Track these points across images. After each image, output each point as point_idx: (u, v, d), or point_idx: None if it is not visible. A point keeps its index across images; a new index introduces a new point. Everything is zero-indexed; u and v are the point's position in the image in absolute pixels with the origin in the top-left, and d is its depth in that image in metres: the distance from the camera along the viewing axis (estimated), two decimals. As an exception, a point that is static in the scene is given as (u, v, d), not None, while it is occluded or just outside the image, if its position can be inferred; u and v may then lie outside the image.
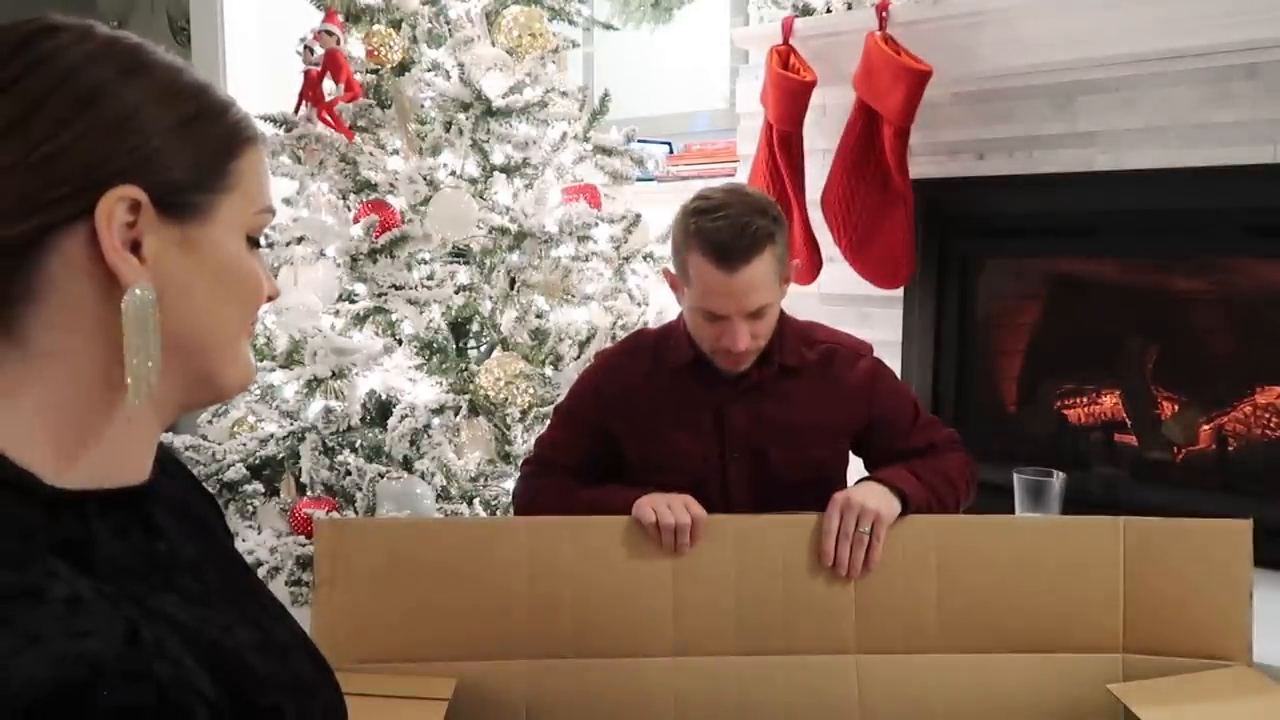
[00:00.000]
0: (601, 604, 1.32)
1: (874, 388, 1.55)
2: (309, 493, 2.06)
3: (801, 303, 2.09)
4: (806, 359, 1.53)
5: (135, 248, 0.55)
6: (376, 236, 2.05)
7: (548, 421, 2.12)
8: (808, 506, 1.56)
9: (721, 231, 1.38)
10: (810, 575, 1.33)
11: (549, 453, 1.62)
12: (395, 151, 2.25)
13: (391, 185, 2.17)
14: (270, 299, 0.65)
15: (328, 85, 2.18)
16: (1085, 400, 2.22)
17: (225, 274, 0.60)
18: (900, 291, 2.20)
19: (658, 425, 1.54)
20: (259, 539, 2.01)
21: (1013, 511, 1.89)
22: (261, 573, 1.93)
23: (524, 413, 2.09)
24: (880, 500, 1.35)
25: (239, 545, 2.03)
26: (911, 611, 1.32)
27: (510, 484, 2.08)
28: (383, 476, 1.97)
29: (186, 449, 2.10)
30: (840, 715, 1.29)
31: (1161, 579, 1.31)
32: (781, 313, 1.54)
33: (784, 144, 2.13)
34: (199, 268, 0.58)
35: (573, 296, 2.20)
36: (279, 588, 1.96)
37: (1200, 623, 1.29)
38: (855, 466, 1.70)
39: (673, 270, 1.50)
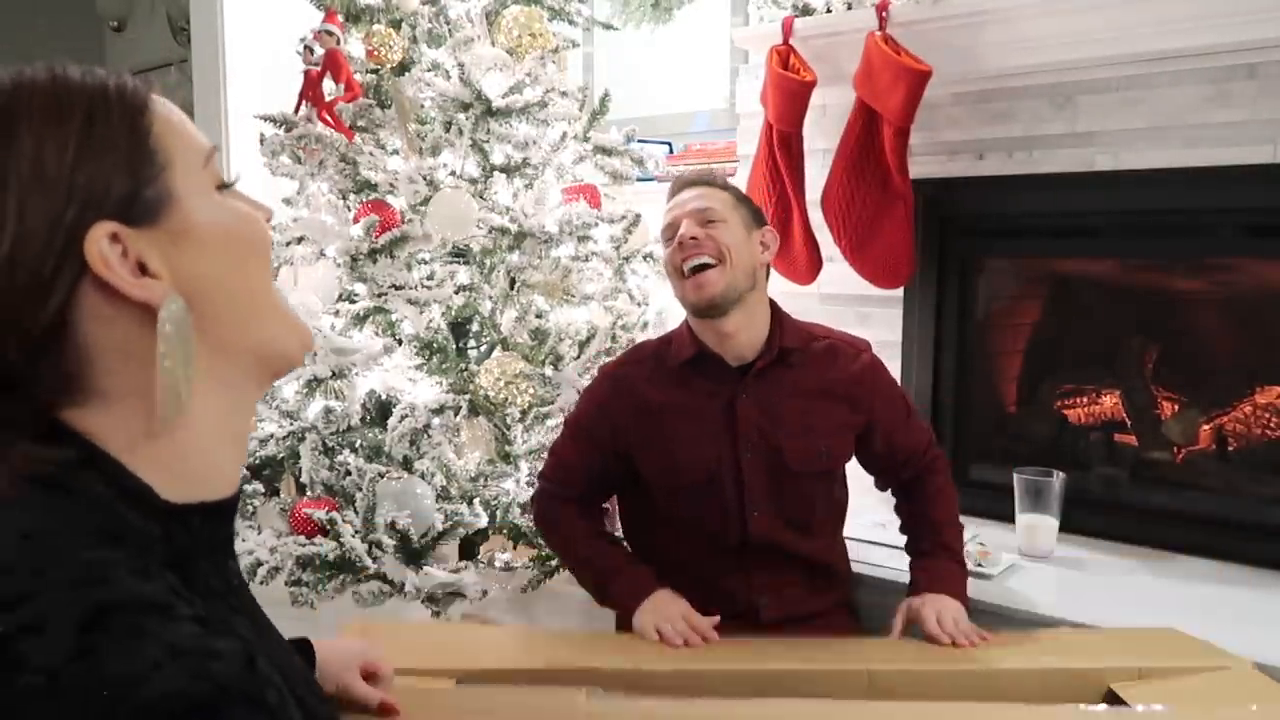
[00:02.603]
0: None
1: (875, 381, 1.62)
2: (309, 493, 2.06)
3: (801, 303, 2.09)
4: (809, 346, 1.60)
5: (142, 269, 0.56)
6: (376, 236, 2.04)
7: (548, 421, 2.13)
8: (817, 500, 1.62)
9: (683, 175, 1.64)
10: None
11: (562, 472, 1.66)
12: (395, 151, 2.25)
13: (391, 185, 2.17)
14: (267, 220, 0.66)
15: (328, 85, 2.18)
16: (1085, 400, 2.22)
17: (224, 237, 0.60)
18: (900, 291, 2.20)
19: (668, 429, 1.57)
20: (259, 539, 2.01)
21: (1013, 511, 1.89)
22: (261, 573, 1.93)
23: (524, 413, 2.09)
24: (953, 604, 1.47)
25: (239, 545, 2.03)
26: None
27: (510, 484, 2.08)
28: (383, 476, 1.97)
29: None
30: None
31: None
32: (779, 309, 1.62)
33: (784, 144, 2.13)
34: (200, 249, 0.59)
35: (573, 296, 2.20)
36: (279, 588, 1.96)
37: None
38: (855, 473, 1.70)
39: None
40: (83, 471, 0.55)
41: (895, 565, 1.80)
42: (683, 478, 1.57)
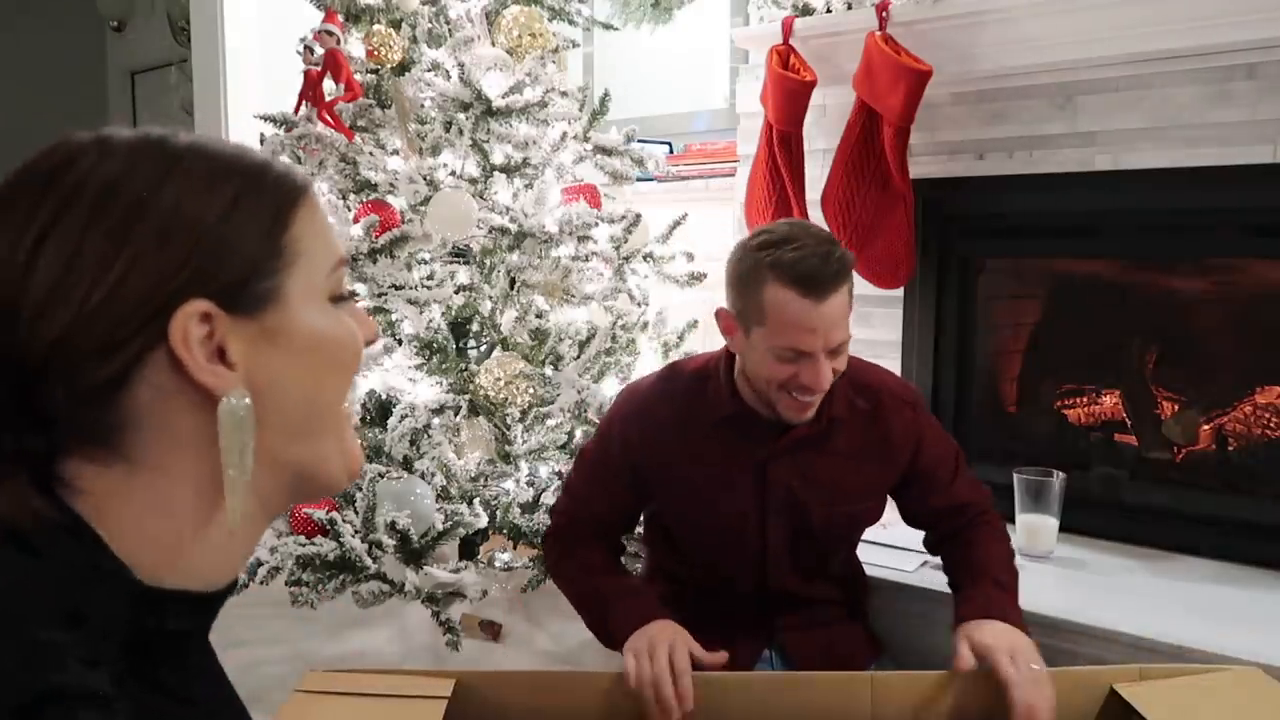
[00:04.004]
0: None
1: (920, 440, 1.50)
2: (309, 493, 2.05)
3: (801, 303, 2.08)
4: (856, 408, 1.46)
5: (221, 354, 0.54)
6: (376, 236, 2.04)
7: (548, 421, 2.13)
8: (836, 552, 1.56)
9: (806, 260, 1.30)
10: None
11: (576, 504, 1.55)
12: (395, 151, 2.25)
13: (391, 185, 2.17)
14: (370, 342, 0.63)
15: (328, 85, 2.18)
16: (1085, 400, 2.22)
17: (316, 350, 0.58)
18: (900, 291, 2.20)
19: (693, 483, 1.47)
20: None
21: (1013, 511, 1.89)
22: (261, 573, 1.93)
23: (524, 413, 2.09)
24: (1022, 638, 1.29)
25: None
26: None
27: (510, 484, 2.08)
28: (383, 476, 1.97)
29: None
30: None
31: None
32: None
33: (784, 144, 2.13)
34: (288, 354, 0.56)
35: (573, 296, 2.20)
36: (279, 588, 1.96)
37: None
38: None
39: (730, 310, 1.40)
40: (61, 536, 0.52)
41: (896, 565, 1.80)
42: (703, 531, 1.50)
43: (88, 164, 0.53)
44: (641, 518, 1.68)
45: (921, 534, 1.61)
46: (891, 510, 1.70)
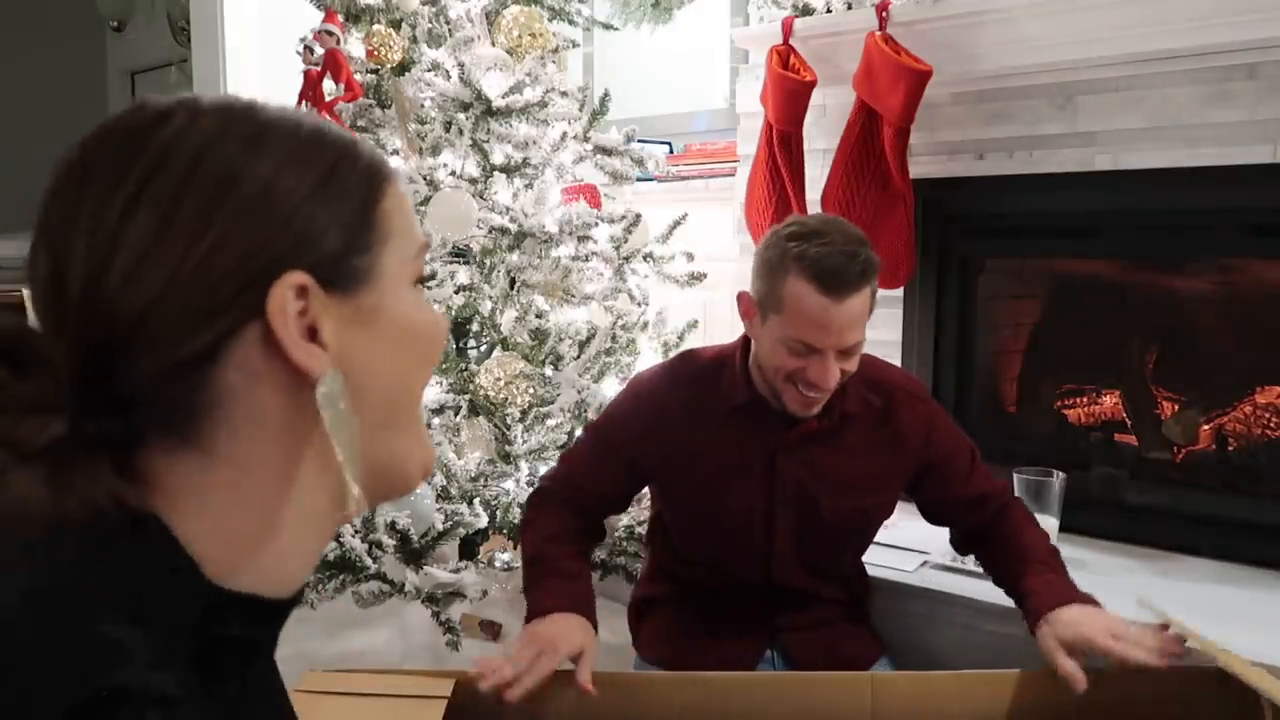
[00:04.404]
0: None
1: (930, 435, 1.49)
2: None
3: (801, 303, 2.08)
4: (869, 405, 1.46)
5: (313, 334, 0.50)
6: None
7: (548, 421, 2.13)
8: (846, 550, 1.55)
9: (831, 257, 1.30)
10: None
11: (568, 474, 1.53)
12: (395, 151, 2.25)
13: (391, 185, 2.17)
14: (446, 334, 0.61)
15: (328, 85, 2.18)
16: (1085, 400, 2.22)
17: (408, 334, 0.55)
18: (900, 291, 2.20)
19: (700, 472, 1.46)
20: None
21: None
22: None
23: (524, 413, 2.09)
24: (1100, 612, 1.29)
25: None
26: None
27: (510, 484, 2.08)
28: (383, 476, 1.96)
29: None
30: None
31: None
32: None
33: (784, 144, 2.13)
34: (381, 337, 0.53)
35: (573, 296, 2.20)
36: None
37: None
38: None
39: (752, 296, 1.40)
40: (132, 531, 0.49)
41: (896, 565, 1.80)
42: (709, 523, 1.49)
43: (178, 126, 0.50)
44: (644, 517, 1.68)
45: (916, 537, 1.61)
46: (895, 511, 1.70)
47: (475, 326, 2.24)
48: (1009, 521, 1.47)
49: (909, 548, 1.85)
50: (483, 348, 2.25)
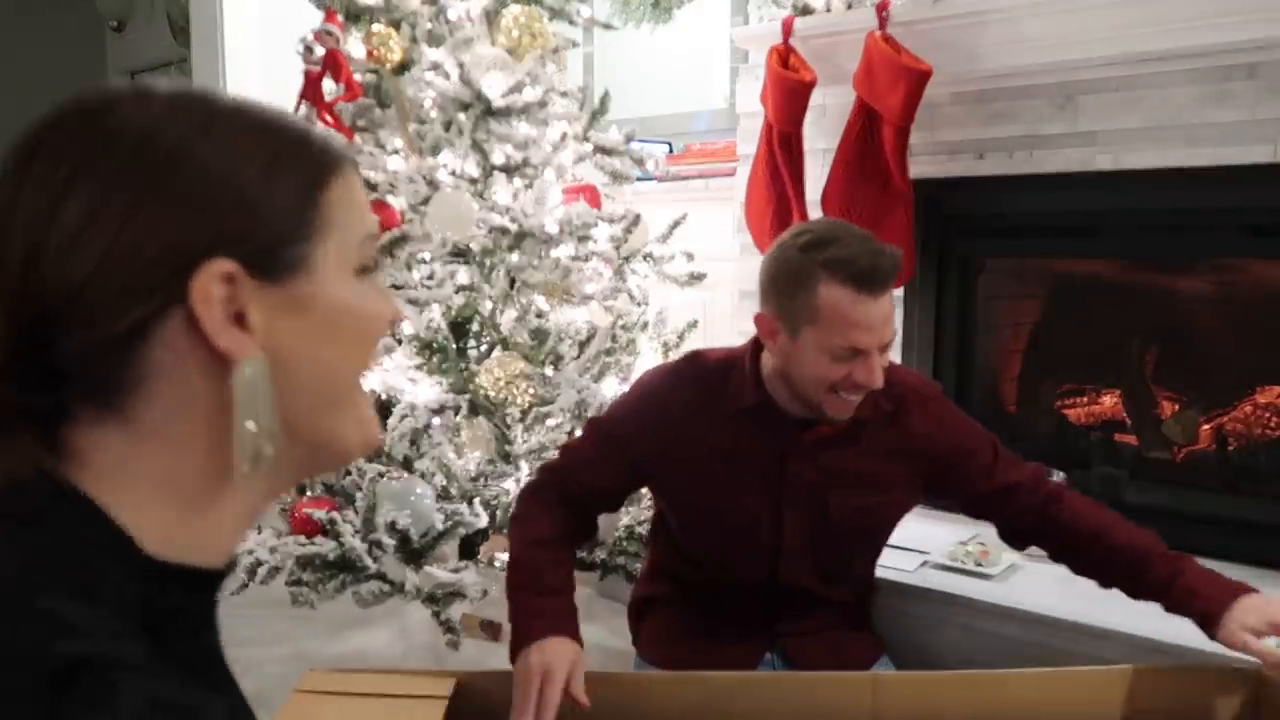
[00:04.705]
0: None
1: (942, 434, 1.47)
2: (309, 492, 2.06)
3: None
4: (880, 409, 1.44)
5: (240, 318, 0.52)
6: (376, 236, 2.04)
7: (548, 421, 2.13)
8: (858, 552, 1.54)
9: (861, 258, 1.29)
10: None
11: (566, 467, 1.50)
12: (395, 151, 2.25)
13: (391, 185, 2.17)
14: (394, 322, 0.61)
15: (328, 85, 2.18)
16: (1085, 400, 2.22)
17: (341, 323, 0.56)
18: (900, 291, 2.20)
19: (707, 472, 1.44)
20: (259, 539, 2.01)
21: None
22: (261, 573, 1.93)
23: (524, 413, 2.09)
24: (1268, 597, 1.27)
25: (237, 545, 2.03)
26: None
27: (511, 484, 2.08)
28: (383, 476, 1.97)
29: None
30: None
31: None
32: None
33: (784, 144, 2.13)
34: (311, 325, 0.55)
35: (573, 296, 2.20)
36: (279, 588, 1.96)
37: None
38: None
39: (771, 313, 1.36)
40: (64, 507, 0.50)
41: (896, 565, 1.80)
42: (714, 521, 1.47)
43: (126, 110, 0.51)
44: (644, 516, 1.67)
45: (916, 537, 1.60)
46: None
47: (475, 326, 2.24)
48: (1075, 511, 1.43)
49: (909, 548, 1.85)
50: (483, 348, 2.25)
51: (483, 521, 2.00)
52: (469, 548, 2.16)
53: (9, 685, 0.43)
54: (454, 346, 2.18)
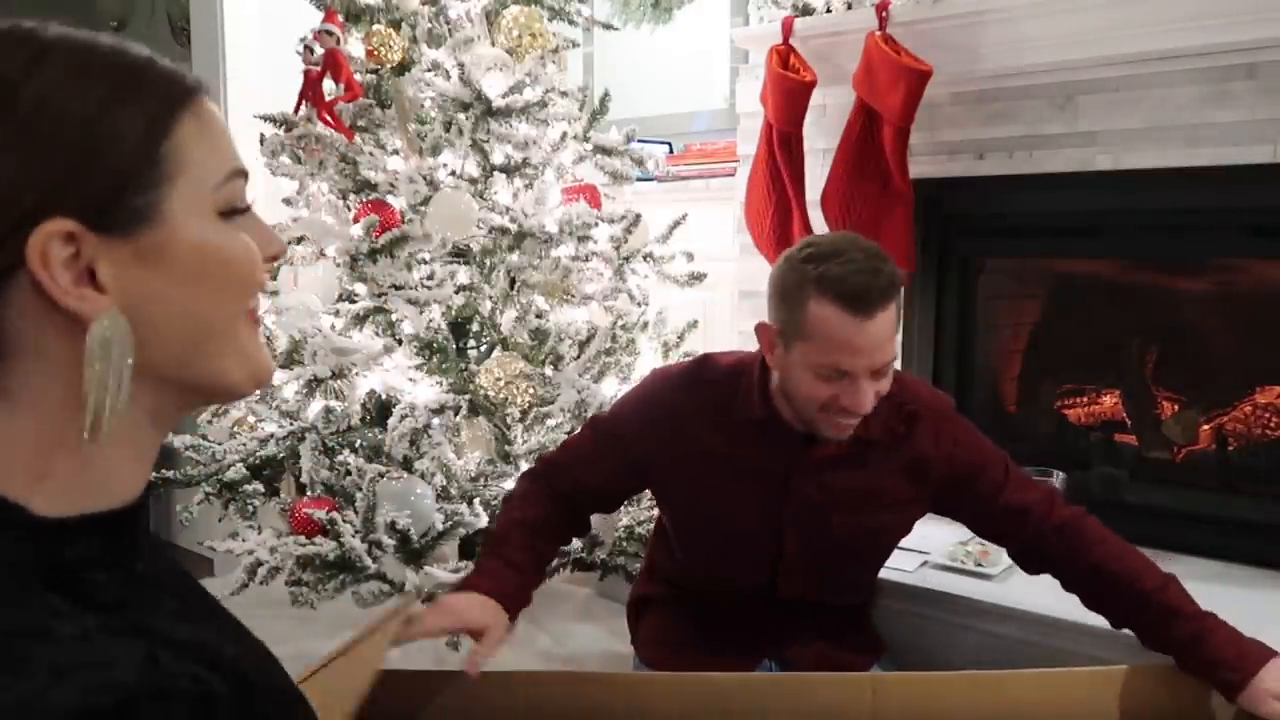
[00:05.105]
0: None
1: (953, 453, 1.43)
2: (309, 493, 2.06)
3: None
4: (891, 429, 1.40)
5: (92, 276, 0.49)
6: (376, 236, 2.04)
7: (548, 421, 2.13)
8: (862, 566, 1.53)
9: (854, 276, 1.25)
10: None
11: (564, 462, 1.49)
12: (395, 151, 2.25)
13: (391, 185, 2.17)
14: (274, 258, 0.58)
15: (328, 85, 2.18)
16: (1085, 400, 2.22)
17: (204, 269, 0.53)
18: (900, 291, 2.19)
19: (708, 482, 1.42)
20: (259, 539, 2.01)
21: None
22: (261, 573, 1.93)
23: (524, 413, 2.09)
24: None
25: (239, 545, 2.03)
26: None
27: (510, 484, 2.08)
28: (383, 476, 1.97)
29: (186, 449, 2.10)
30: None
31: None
32: None
33: (784, 144, 2.13)
34: (170, 274, 0.52)
35: (573, 296, 2.20)
36: (279, 588, 1.96)
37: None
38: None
39: (772, 324, 1.35)
40: None
41: (896, 565, 1.80)
42: (713, 528, 1.46)
43: None
44: (644, 516, 1.67)
45: (916, 537, 1.58)
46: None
47: (475, 326, 2.24)
48: (1090, 544, 1.37)
49: (909, 548, 1.85)
50: (483, 348, 2.25)
51: (483, 521, 2.00)
52: (469, 548, 2.16)
53: None
54: (454, 346, 2.18)
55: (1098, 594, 1.38)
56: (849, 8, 2.13)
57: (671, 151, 2.87)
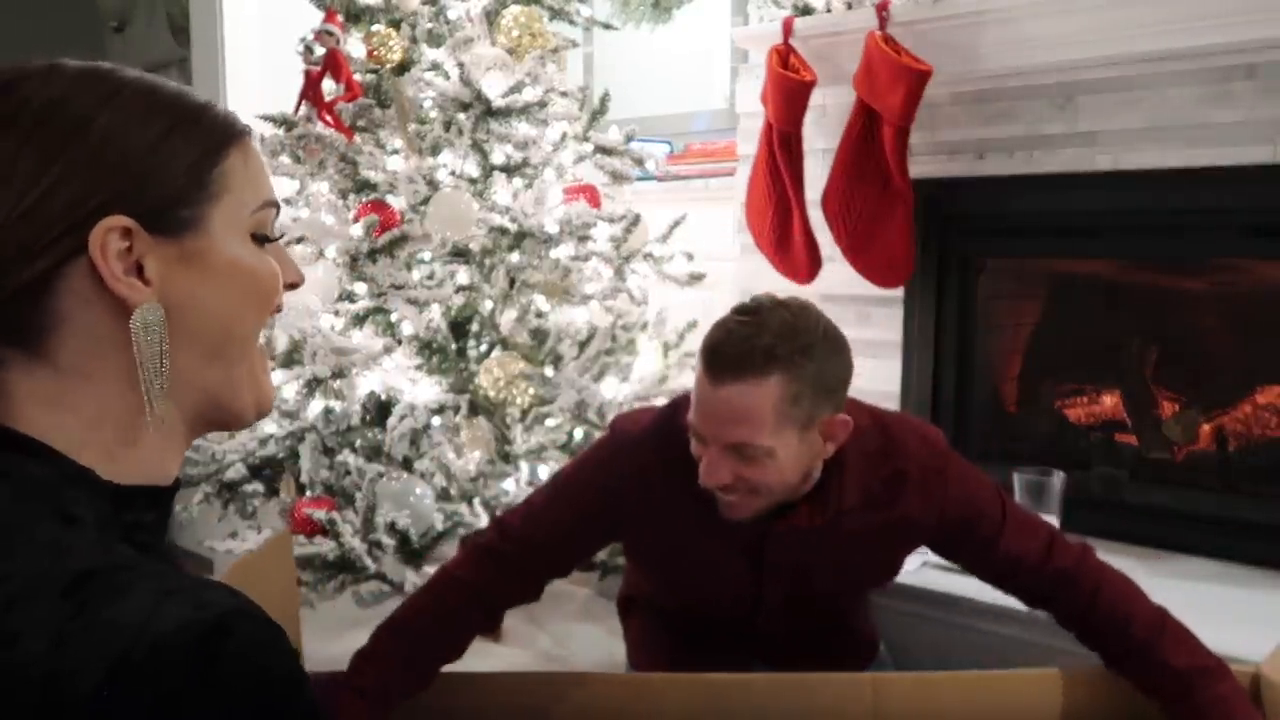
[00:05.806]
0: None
1: (944, 508, 1.31)
2: (309, 493, 2.06)
3: (801, 303, 2.08)
4: (870, 493, 1.29)
5: (140, 270, 0.58)
6: (376, 236, 2.04)
7: (547, 421, 2.13)
8: (850, 603, 1.51)
9: (730, 336, 1.16)
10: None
11: (520, 533, 1.32)
12: (395, 151, 2.25)
13: (391, 185, 2.17)
14: (292, 286, 0.68)
15: (328, 85, 2.18)
16: (1085, 400, 2.22)
17: (233, 278, 0.62)
18: (900, 291, 2.20)
19: (683, 540, 1.33)
20: (259, 539, 2.01)
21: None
22: (261, 573, 1.93)
23: (524, 413, 2.09)
24: None
25: (238, 545, 2.03)
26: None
27: (510, 484, 2.08)
28: (382, 476, 1.97)
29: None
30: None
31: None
32: (849, 454, 1.26)
33: (784, 144, 2.13)
34: (203, 278, 0.61)
35: (573, 296, 2.20)
36: (279, 588, 1.96)
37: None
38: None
39: None
40: (11, 456, 0.56)
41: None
42: (687, 588, 1.41)
43: (34, 86, 0.57)
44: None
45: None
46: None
47: (475, 326, 2.24)
48: (1096, 597, 1.29)
49: (909, 548, 1.85)
50: (483, 348, 2.25)
51: (483, 521, 2.00)
52: (469, 548, 2.16)
53: (33, 608, 0.49)
54: (454, 346, 2.18)
55: (1088, 641, 1.33)
56: (849, 8, 2.13)
57: (671, 151, 2.87)
